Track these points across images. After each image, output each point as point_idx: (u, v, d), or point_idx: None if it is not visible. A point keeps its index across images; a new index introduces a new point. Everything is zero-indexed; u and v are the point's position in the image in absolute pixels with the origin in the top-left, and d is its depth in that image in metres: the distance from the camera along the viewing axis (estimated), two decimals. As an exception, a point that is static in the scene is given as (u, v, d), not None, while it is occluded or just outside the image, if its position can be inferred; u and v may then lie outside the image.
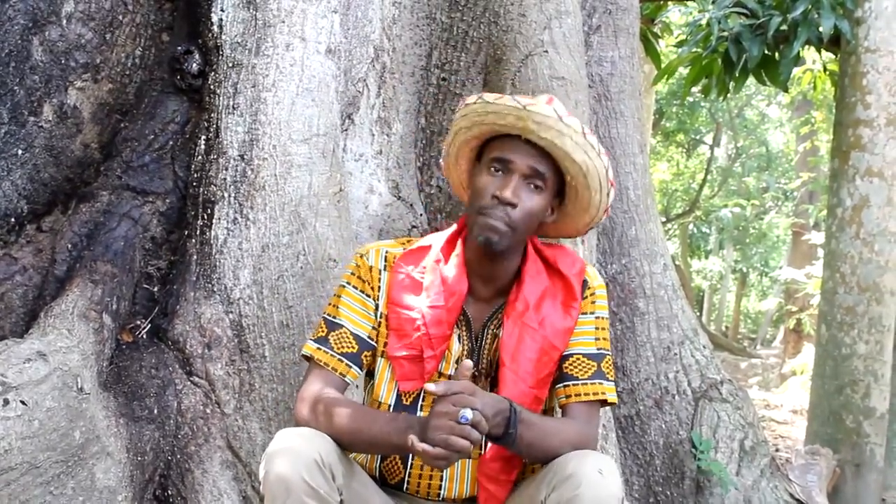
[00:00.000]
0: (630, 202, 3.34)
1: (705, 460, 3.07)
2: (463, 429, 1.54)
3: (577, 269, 1.90)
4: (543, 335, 1.82)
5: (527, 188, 1.79)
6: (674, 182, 16.32)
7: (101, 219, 2.62)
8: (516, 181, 1.78)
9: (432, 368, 1.82)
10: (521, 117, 1.76)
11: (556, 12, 2.97)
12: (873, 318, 4.05)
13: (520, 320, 1.82)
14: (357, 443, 1.75)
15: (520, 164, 1.79)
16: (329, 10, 2.72)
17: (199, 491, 2.36)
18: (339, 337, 1.87)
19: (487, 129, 1.85)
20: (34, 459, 1.99)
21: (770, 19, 4.39)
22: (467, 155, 1.94)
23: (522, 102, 1.77)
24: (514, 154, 1.79)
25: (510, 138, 1.81)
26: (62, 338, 2.21)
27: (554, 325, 1.84)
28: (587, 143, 1.79)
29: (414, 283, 1.88)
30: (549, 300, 1.86)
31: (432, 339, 1.81)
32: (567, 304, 1.87)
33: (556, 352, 1.84)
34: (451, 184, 2.07)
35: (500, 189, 1.77)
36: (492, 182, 1.79)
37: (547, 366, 1.83)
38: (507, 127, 1.80)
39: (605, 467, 1.61)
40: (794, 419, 7.28)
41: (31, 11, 2.64)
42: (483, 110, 1.82)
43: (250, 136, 2.56)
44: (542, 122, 1.76)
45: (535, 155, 1.79)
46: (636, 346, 3.26)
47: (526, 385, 1.79)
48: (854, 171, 4.15)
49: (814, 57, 5.95)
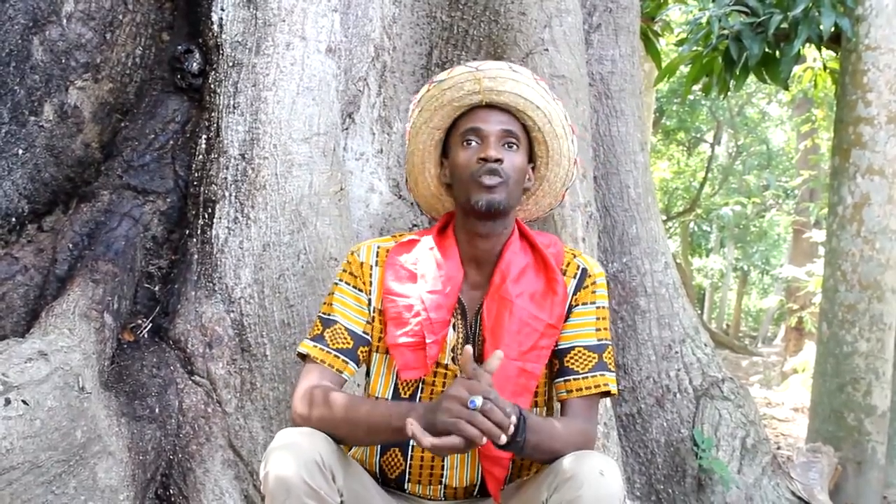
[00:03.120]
0: (631, 200, 3.34)
1: (707, 458, 3.07)
2: (472, 414, 1.53)
3: (558, 248, 1.92)
4: (522, 306, 1.81)
5: (505, 148, 1.84)
6: (674, 180, 16.32)
7: (101, 218, 2.62)
8: (493, 142, 1.82)
9: (435, 354, 1.81)
10: (477, 79, 1.82)
11: (557, 10, 2.97)
12: (874, 316, 4.05)
13: (497, 294, 1.83)
14: (355, 432, 1.73)
15: (491, 128, 1.83)
16: (329, 8, 2.72)
17: (201, 490, 2.36)
18: (334, 333, 1.86)
19: (449, 111, 1.88)
20: (36, 459, 1.99)
21: (770, 17, 4.39)
22: (433, 155, 1.96)
23: (473, 65, 1.85)
24: (482, 122, 1.84)
25: (474, 110, 1.86)
26: (63, 337, 2.21)
27: (535, 297, 1.84)
28: (541, 87, 1.86)
29: (409, 272, 1.88)
30: (530, 273, 1.87)
31: (434, 323, 1.81)
32: (550, 279, 1.86)
33: (540, 322, 1.82)
34: (421, 200, 2.06)
35: (481, 151, 1.81)
36: (471, 152, 1.83)
37: (531, 337, 1.81)
38: (467, 96, 1.84)
39: (607, 468, 1.61)
40: (796, 417, 7.28)
41: (32, 11, 2.64)
42: (439, 91, 1.86)
43: (251, 136, 2.56)
44: (497, 76, 1.82)
45: (502, 115, 1.85)
46: (637, 345, 3.26)
47: (509, 358, 1.77)
48: (855, 168, 4.15)
49: (814, 55, 5.94)
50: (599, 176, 3.31)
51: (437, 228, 1.95)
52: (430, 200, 2.04)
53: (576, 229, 2.80)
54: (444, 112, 1.88)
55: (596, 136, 3.33)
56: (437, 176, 1.97)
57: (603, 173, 3.34)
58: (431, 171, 1.97)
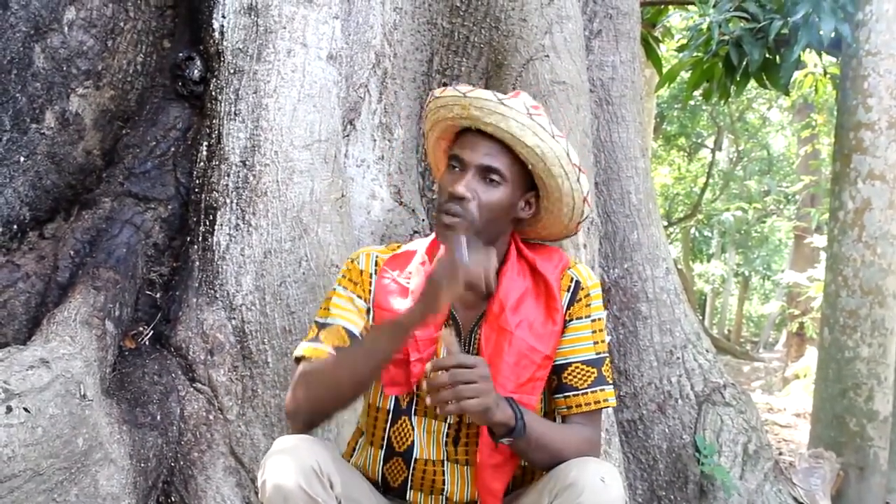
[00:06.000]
0: (632, 206, 3.34)
1: (709, 464, 3.07)
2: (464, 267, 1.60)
3: (559, 269, 1.86)
4: (521, 337, 1.77)
5: (483, 182, 1.75)
6: (675, 186, 16.31)
7: (103, 225, 2.62)
8: (469, 176, 1.75)
9: (419, 372, 1.76)
10: (464, 105, 1.74)
11: (557, 17, 2.97)
12: (876, 322, 4.05)
13: (496, 323, 1.78)
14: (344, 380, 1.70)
15: (472, 159, 1.76)
16: (330, 16, 2.73)
17: (203, 497, 2.36)
18: (330, 333, 1.83)
19: (444, 127, 1.84)
20: (37, 466, 1.99)
21: (771, 23, 4.39)
22: (442, 158, 1.93)
23: (463, 90, 1.76)
24: (466, 150, 1.77)
25: (467, 133, 1.80)
26: (65, 345, 2.21)
27: (534, 327, 1.79)
28: (535, 123, 1.72)
29: (400, 287, 1.85)
30: (529, 301, 1.82)
31: (419, 341, 1.77)
32: (550, 307, 1.82)
33: (538, 354, 1.78)
34: None
35: (452, 185, 1.75)
36: (449, 179, 1.78)
37: (528, 369, 1.77)
38: (456, 118, 1.79)
39: (607, 474, 1.60)
40: (798, 423, 7.27)
41: (33, 19, 2.65)
42: (434, 106, 1.82)
43: (252, 143, 2.57)
44: (483, 107, 1.72)
45: (489, 148, 1.76)
46: (639, 351, 3.26)
47: (506, 390, 1.73)
48: (856, 174, 4.15)
49: (815, 60, 5.95)
50: (601, 182, 3.32)
51: (432, 241, 1.91)
52: None
53: (577, 235, 2.80)
54: (441, 126, 1.85)
55: (597, 142, 3.33)
56: None
57: (604, 179, 3.34)
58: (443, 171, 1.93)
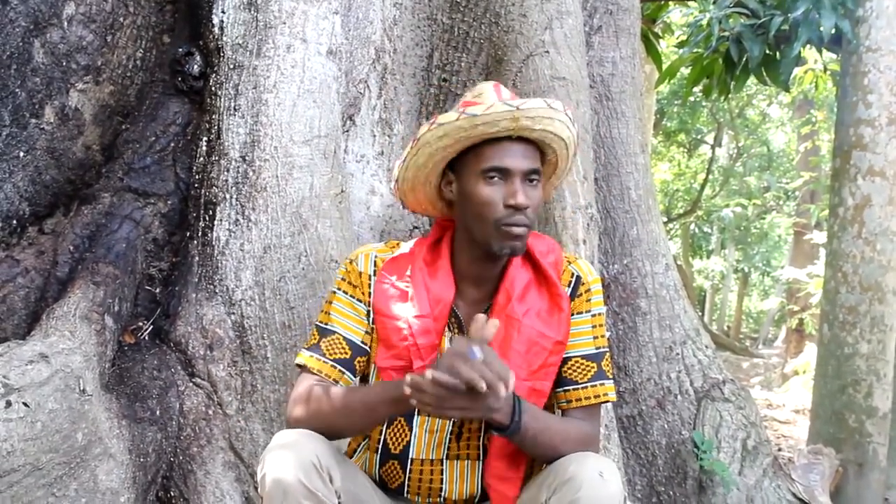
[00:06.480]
0: (632, 202, 3.34)
1: (708, 460, 3.07)
2: (473, 362, 1.52)
3: (554, 257, 1.88)
4: (530, 325, 1.79)
5: (529, 185, 1.77)
6: (675, 182, 16.31)
7: (102, 221, 2.62)
8: (518, 183, 1.75)
9: None
10: (516, 118, 1.73)
11: (557, 13, 2.97)
12: (875, 318, 4.04)
13: (503, 313, 1.80)
14: (352, 417, 1.71)
15: (517, 166, 1.75)
16: (330, 11, 2.72)
17: (202, 492, 2.36)
18: (331, 343, 1.83)
19: (474, 140, 1.77)
20: (37, 461, 1.99)
21: (771, 19, 4.39)
22: (439, 168, 1.85)
23: (514, 104, 1.74)
24: (506, 159, 1.75)
25: (495, 141, 1.76)
26: (64, 340, 2.21)
27: (541, 314, 1.81)
28: (567, 117, 1.81)
29: (399, 291, 1.84)
30: (534, 289, 1.84)
31: (420, 349, 1.78)
32: (553, 293, 1.84)
33: (549, 340, 1.80)
34: (408, 202, 1.96)
35: (510, 197, 1.74)
36: (495, 191, 1.75)
37: (540, 356, 1.79)
38: (500, 131, 1.75)
39: (606, 469, 1.61)
40: (797, 419, 7.27)
41: (33, 14, 2.64)
42: (470, 124, 1.74)
43: (252, 138, 2.57)
44: (535, 115, 1.74)
45: (526, 151, 1.78)
46: (638, 347, 3.26)
47: (519, 378, 1.74)
48: (856, 170, 4.15)
49: (815, 56, 5.95)
50: (600, 178, 3.31)
51: (430, 243, 1.90)
52: (423, 205, 1.95)
53: (576, 231, 2.80)
54: (467, 142, 1.78)
55: (597, 138, 3.33)
56: (438, 187, 1.88)
57: (604, 175, 3.34)
58: (433, 183, 1.88)
